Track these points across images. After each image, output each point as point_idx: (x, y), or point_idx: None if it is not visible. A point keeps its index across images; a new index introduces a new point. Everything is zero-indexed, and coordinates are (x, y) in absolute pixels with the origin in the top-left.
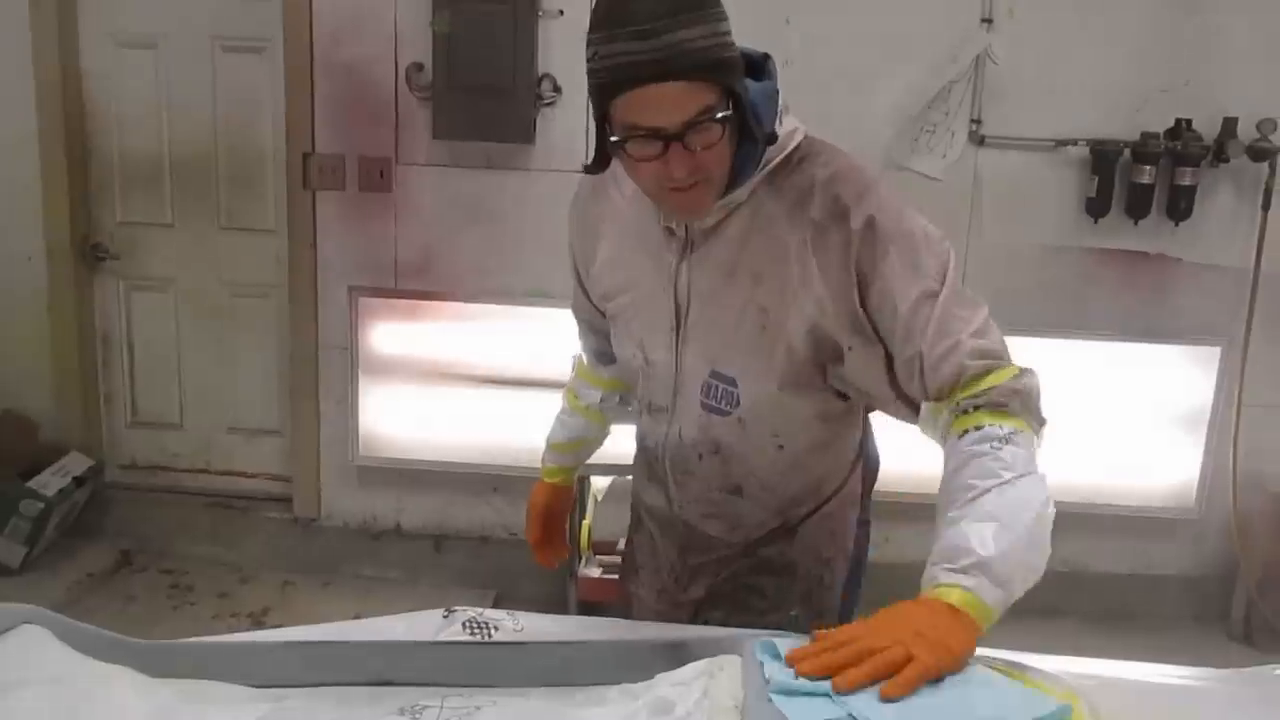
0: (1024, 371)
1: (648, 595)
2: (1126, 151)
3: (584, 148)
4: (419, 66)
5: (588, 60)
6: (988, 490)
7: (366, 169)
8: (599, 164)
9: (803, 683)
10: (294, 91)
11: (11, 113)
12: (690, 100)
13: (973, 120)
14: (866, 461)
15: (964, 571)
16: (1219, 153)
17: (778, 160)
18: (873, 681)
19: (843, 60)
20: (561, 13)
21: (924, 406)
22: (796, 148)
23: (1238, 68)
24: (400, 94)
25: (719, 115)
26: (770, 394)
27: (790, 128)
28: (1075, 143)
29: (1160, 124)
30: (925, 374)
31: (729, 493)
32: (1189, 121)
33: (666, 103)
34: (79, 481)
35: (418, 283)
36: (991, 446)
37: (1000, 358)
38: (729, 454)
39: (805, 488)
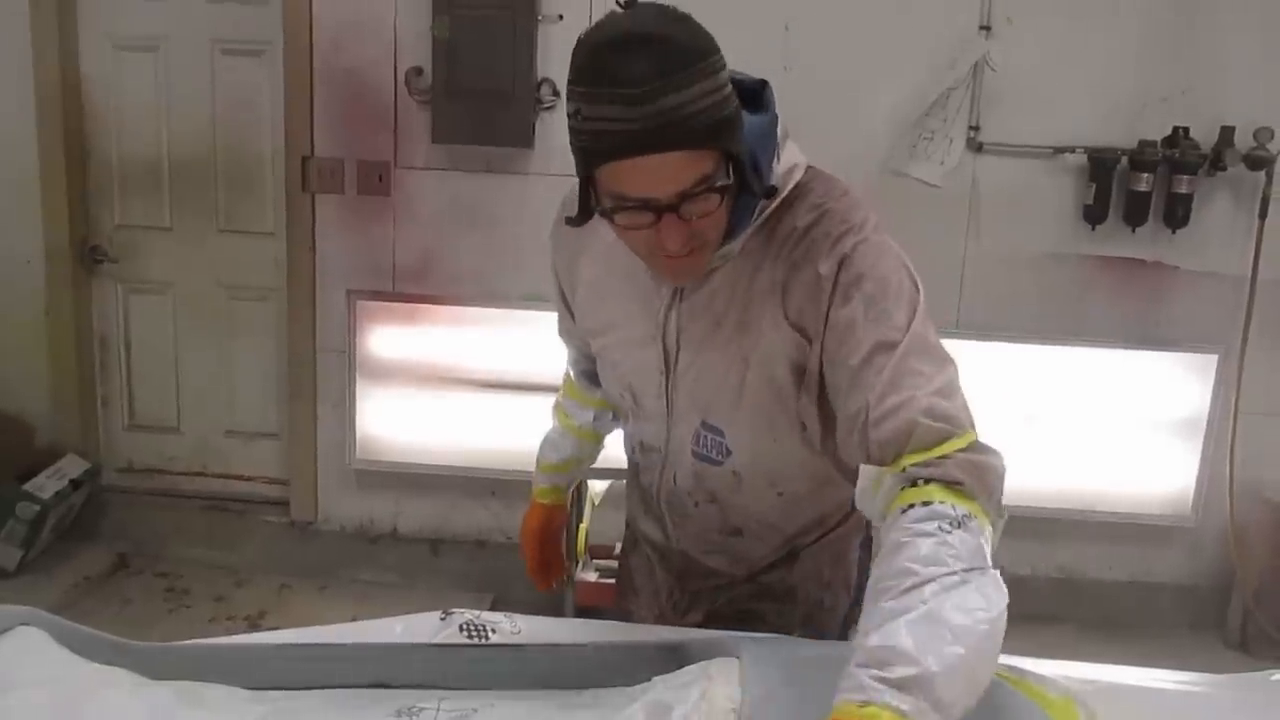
0: (986, 448)
1: (646, 617)
2: (1124, 159)
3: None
4: (418, 70)
5: (569, 115)
6: (931, 581)
7: (365, 173)
8: (582, 218)
9: None
10: (293, 95)
11: (11, 115)
12: (686, 171)
13: (971, 127)
14: None
15: (900, 688)
16: (1216, 161)
17: (773, 206)
18: None
19: (841, 67)
20: (561, 17)
21: (862, 471)
22: (795, 187)
23: (1236, 76)
24: (400, 98)
25: (718, 184)
26: (760, 444)
27: (789, 165)
28: (1073, 150)
29: (1158, 132)
30: (868, 428)
31: (729, 535)
32: (1186, 130)
33: (659, 175)
34: (75, 484)
35: (416, 286)
36: (939, 528)
37: (960, 425)
38: (726, 503)
39: (809, 523)
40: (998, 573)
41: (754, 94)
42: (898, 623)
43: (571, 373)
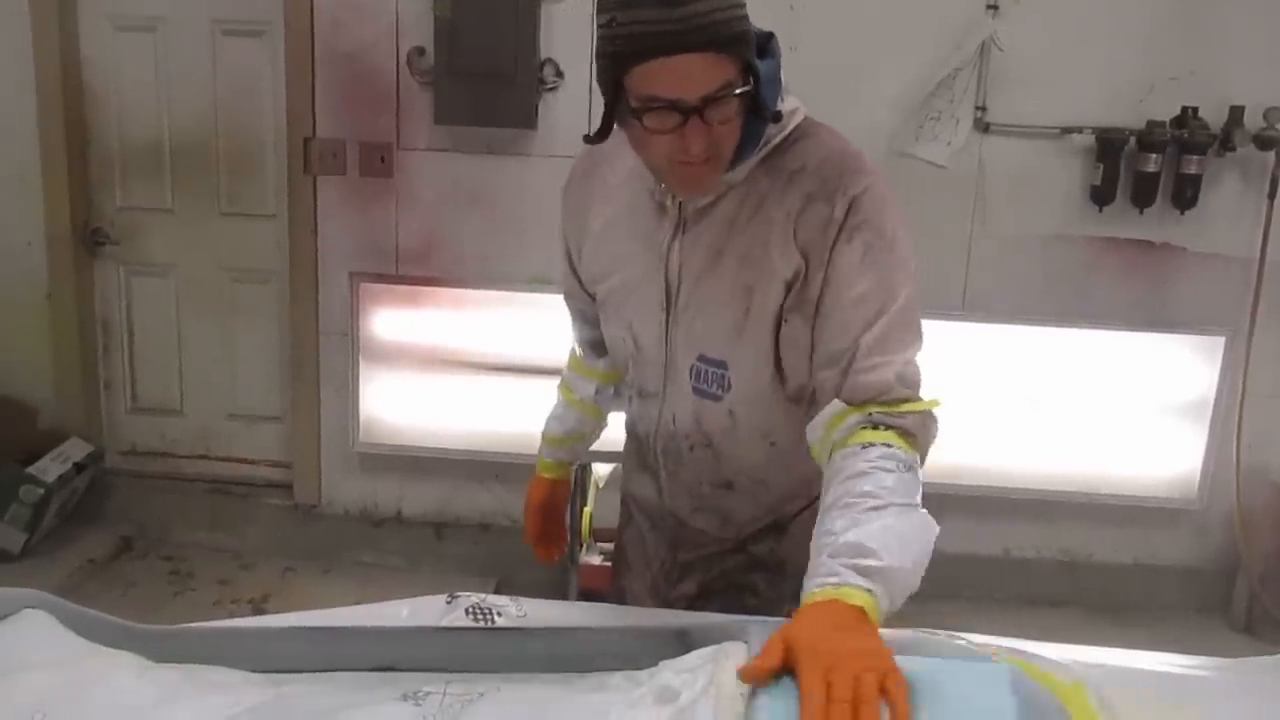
0: (932, 415)
1: (640, 590)
2: (1132, 140)
3: (586, 133)
4: (420, 51)
5: (602, 26)
6: (891, 506)
7: (367, 154)
8: (602, 134)
9: None
10: (295, 76)
11: (11, 97)
12: (712, 73)
13: (978, 107)
14: None
15: (867, 575)
16: (1225, 141)
17: (776, 140)
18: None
19: (847, 46)
20: None
21: (831, 405)
22: (796, 128)
23: (1245, 56)
24: (401, 78)
25: (738, 90)
26: (760, 378)
27: (791, 107)
28: (1081, 130)
29: (1166, 112)
30: (848, 374)
31: (720, 487)
32: (1195, 110)
33: (689, 75)
34: (79, 468)
35: (419, 268)
36: (897, 466)
37: (920, 393)
38: (720, 450)
39: (795, 484)
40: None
41: (763, 44)
42: (866, 528)
43: (576, 345)
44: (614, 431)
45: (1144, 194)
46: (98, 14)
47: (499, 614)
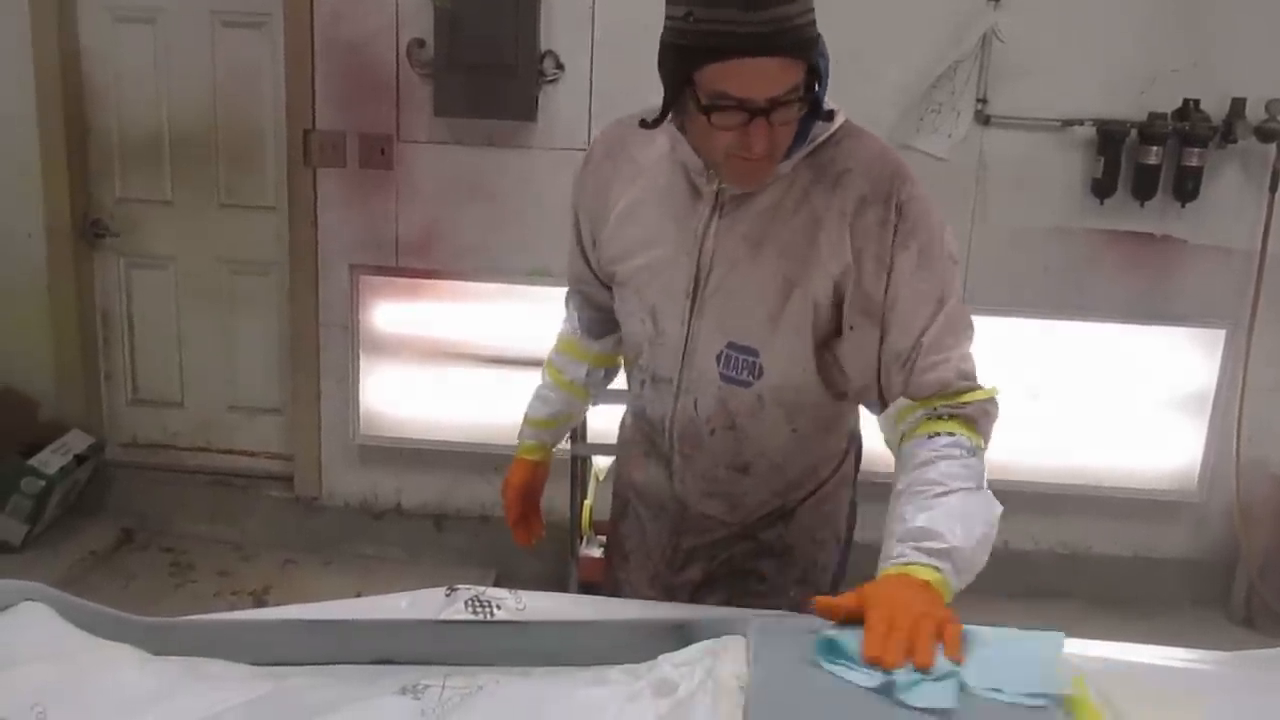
0: (993, 400)
1: (639, 581)
2: (1133, 132)
3: (587, 126)
4: (420, 43)
5: (676, 19)
6: (956, 491)
7: (367, 146)
8: (660, 120)
9: (902, 674)
10: (294, 67)
11: (10, 90)
12: (784, 77)
13: (978, 100)
14: (857, 444)
15: (935, 555)
16: (1227, 134)
17: (822, 137)
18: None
19: (848, 39)
20: None
21: (898, 402)
22: (840, 127)
23: (1246, 48)
24: (401, 70)
25: (804, 94)
26: (793, 368)
27: (833, 106)
28: (1082, 123)
29: (1168, 104)
30: (913, 372)
31: (736, 470)
32: (1197, 102)
33: (763, 77)
34: (80, 459)
35: (419, 261)
36: (962, 453)
37: (979, 384)
38: (742, 433)
39: (806, 470)
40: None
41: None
42: (932, 514)
43: (574, 327)
44: (609, 424)
45: (1145, 186)
46: (97, 5)
47: (498, 606)
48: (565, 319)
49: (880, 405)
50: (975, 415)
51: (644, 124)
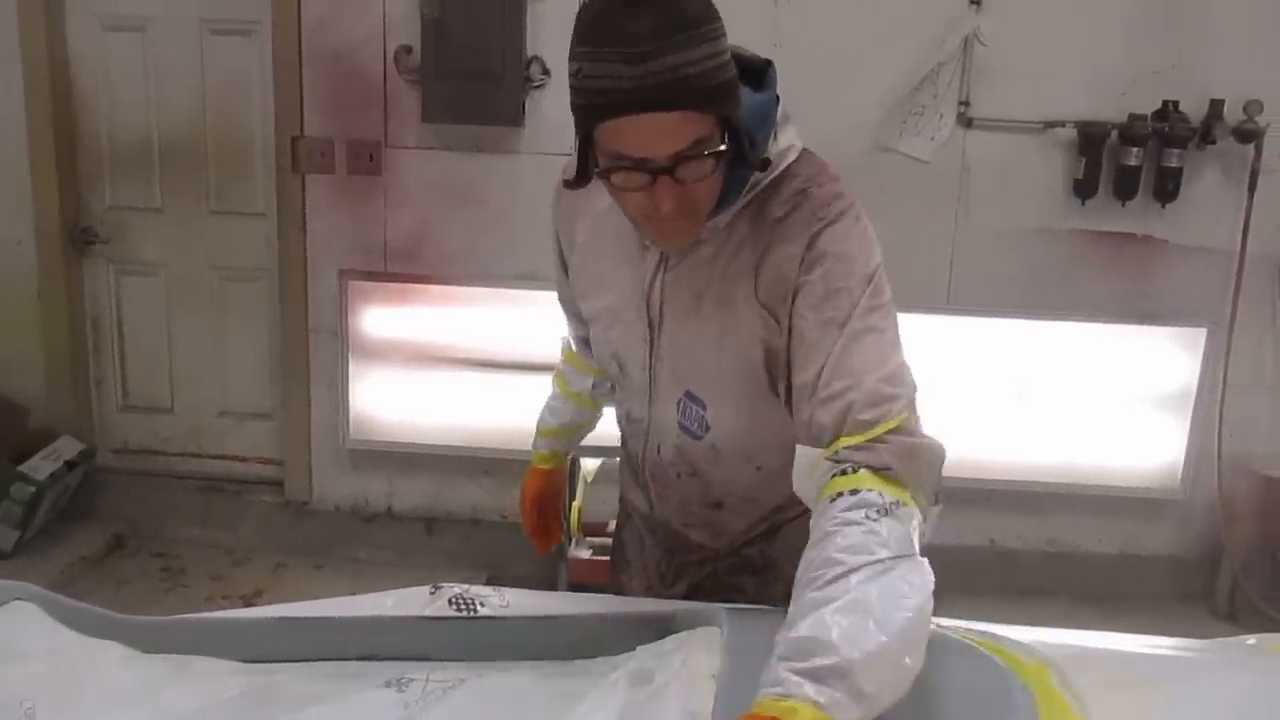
0: (920, 432)
1: (638, 588)
2: (1114, 133)
3: (572, 132)
4: (408, 49)
5: (570, 75)
6: (857, 570)
7: (355, 152)
8: (580, 180)
9: None
10: (282, 75)
11: None
12: (682, 131)
13: (961, 102)
14: None
15: (818, 679)
16: (1206, 134)
17: (764, 184)
18: None
19: (832, 42)
20: None
21: (802, 453)
22: (786, 169)
23: (1225, 50)
24: (389, 77)
25: (713, 148)
26: (738, 419)
27: (785, 145)
28: (1063, 124)
29: (1148, 106)
30: (812, 408)
31: (710, 507)
32: (1176, 103)
33: (656, 134)
34: (70, 465)
35: (408, 266)
36: (867, 516)
37: (895, 410)
38: (706, 477)
39: (787, 498)
40: (925, 560)
41: (758, 73)
42: (821, 612)
43: (570, 340)
44: (605, 427)
45: (1126, 187)
46: (86, 13)
47: (482, 604)
48: (567, 330)
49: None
50: (887, 460)
51: (566, 184)
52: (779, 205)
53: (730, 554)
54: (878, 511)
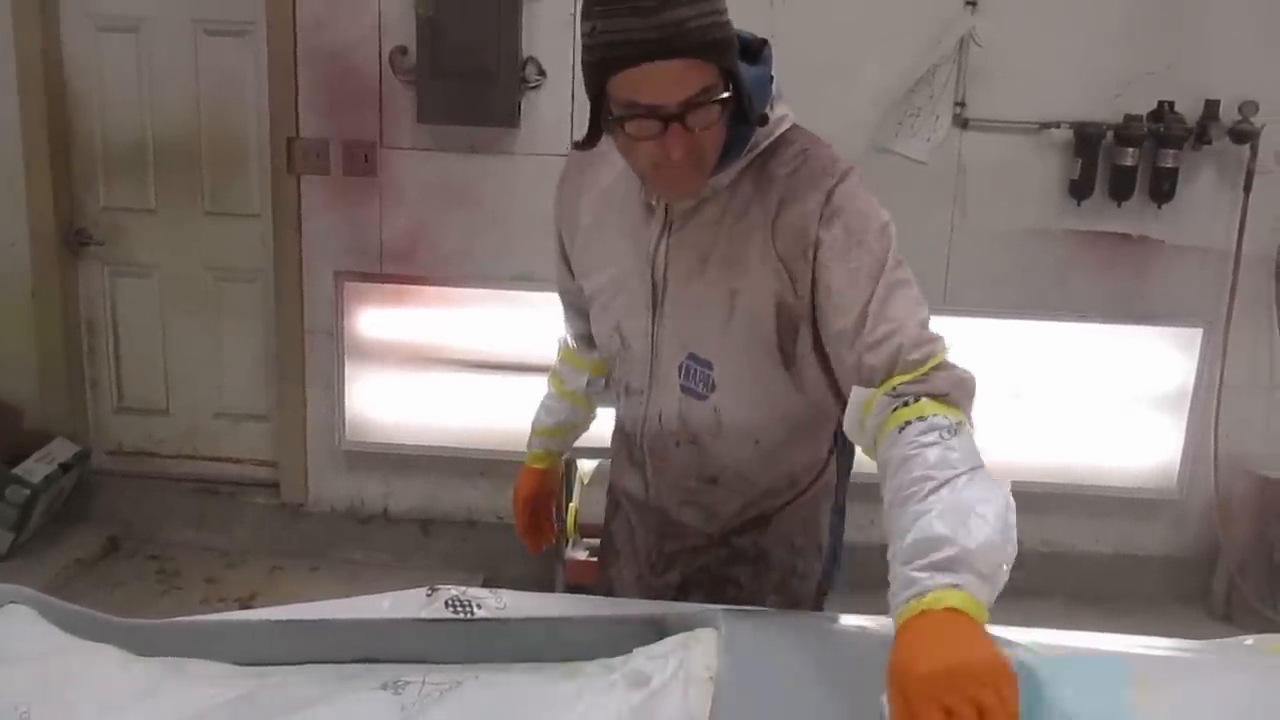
0: (959, 365)
1: (627, 580)
2: (1109, 134)
3: (569, 131)
4: (403, 50)
5: (584, 36)
6: (946, 482)
7: (351, 153)
8: (590, 140)
9: None
10: (277, 75)
11: None
12: (690, 79)
13: (957, 103)
14: (842, 452)
15: (947, 569)
16: (1201, 135)
17: (764, 146)
18: None
19: (827, 43)
20: None
21: (856, 393)
22: (783, 135)
23: (1220, 50)
24: (384, 78)
25: (718, 96)
26: (743, 378)
27: (780, 115)
28: (1059, 125)
29: (1143, 106)
30: (863, 351)
31: (705, 482)
32: (1171, 104)
33: (667, 81)
34: (65, 468)
35: (403, 267)
36: (941, 437)
37: (940, 347)
38: (705, 447)
39: (781, 479)
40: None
41: (755, 52)
42: (928, 518)
43: (568, 338)
44: (600, 427)
45: (1122, 188)
46: (79, 14)
47: (478, 606)
48: (563, 329)
49: (842, 408)
50: (944, 387)
51: (576, 145)
52: (781, 165)
53: (722, 543)
54: (948, 432)
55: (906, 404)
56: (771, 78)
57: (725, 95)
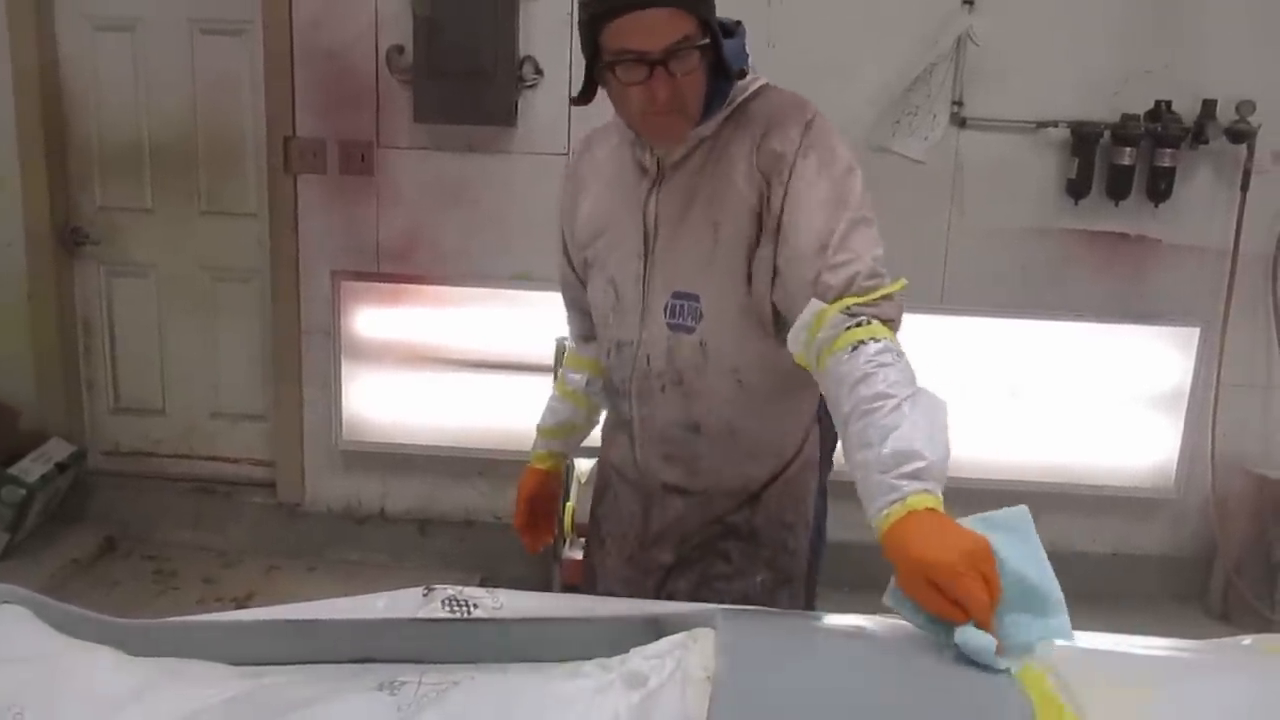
0: (898, 296)
1: (615, 562)
2: (1107, 133)
3: (566, 130)
4: (400, 49)
5: (580, 2)
6: (906, 399)
7: (348, 152)
8: (585, 94)
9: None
10: (274, 75)
11: None
12: (672, 27)
13: (954, 102)
14: (825, 428)
15: (919, 478)
16: (1198, 134)
17: (741, 98)
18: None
19: (825, 42)
20: None
21: (811, 305)
22: (759, 88)
23: (1217, 50)
24: (381, 77)
25: (698, 43)
26: (729, 305)
27: (755, 75)
28: (1056, 124)
29: (1140, 106)
30: (821, 271)
31: (689, 429)
32: (1169, 103)
33: (652, 28)
34: (61, 468)
35: (400, 266)
36: (894, 358)
37: (887, 280)
38: (690, 387)
39: (763, 441)
40: None
41: (730, 30)
42: (901, 433)
43: (569, 338)
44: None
45: (1119, 187)
46: (75, 14)
47: (475, 605)
48: (566, 330)
49: (777, 323)
50: (891, 314)
51: (574, 100)
52: (761, 107)
53: (712, 520)
54: (897, 355)
55: (860, 324)
56: (747, 54)
57: (704, 42)
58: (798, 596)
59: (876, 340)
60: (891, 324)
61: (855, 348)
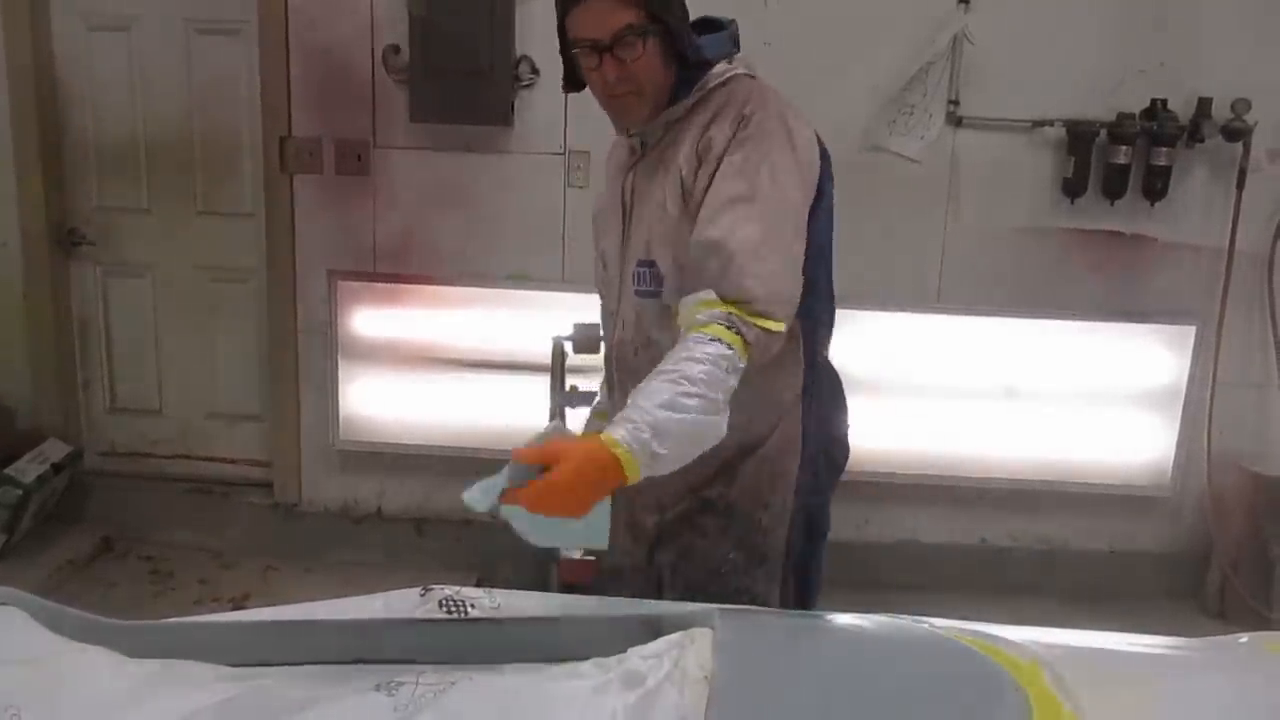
0: (777, 334)
1: (615, 526)
2: (1103, 132)
3: (563, 130)
4: (396, 49)
5: None
6: (700, 397)
7: (344, 152)
8: (567, 80)
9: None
10: (270, 74)
11: None
12: (613, 18)
13: (950, 101)
14: (819, 420)
15: (619, 423)
16: (1194, 133)
17: (712, 85)
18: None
19: (821, 42)
20: None
21: (707, 293)
22: (732, 77)
23: (1213, 48)
24: (377, 76)
25: (641, 32)
26: (679, 273)
27: (737, 67)
28: (1052, 123)
29: (1136, 104)
30: (727, 273)
31: None
32: (1164, 102)
33: (596, 19)
34: (58, 468)
35: (397, 266)
36: (724, 370)
37: (780, 314)
38: (658, 348)
39: (736, 419)
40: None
41: (716, 25)
42: (650, 386)
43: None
44: None
45: (1115, 186)
46: (70, 13)
47: (472, 606)
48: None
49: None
50: (756, 341)
51: (563, 88)
52: (723, 93)
53: (690, 491)
54: (727, 370)
55: (727, 328)
56: (736, 43)
57: (645, 31)
58: (775, 578)
59: (730, 348)
60: (749, 348)
61: (712, 340)
